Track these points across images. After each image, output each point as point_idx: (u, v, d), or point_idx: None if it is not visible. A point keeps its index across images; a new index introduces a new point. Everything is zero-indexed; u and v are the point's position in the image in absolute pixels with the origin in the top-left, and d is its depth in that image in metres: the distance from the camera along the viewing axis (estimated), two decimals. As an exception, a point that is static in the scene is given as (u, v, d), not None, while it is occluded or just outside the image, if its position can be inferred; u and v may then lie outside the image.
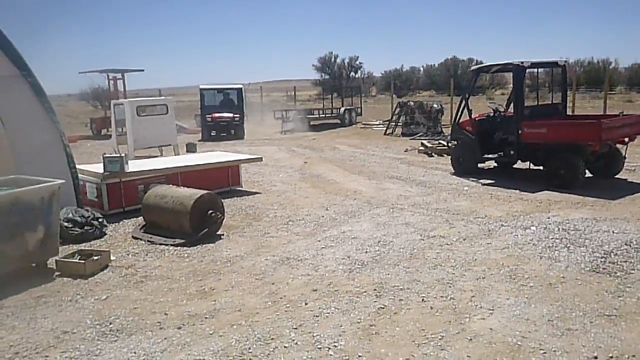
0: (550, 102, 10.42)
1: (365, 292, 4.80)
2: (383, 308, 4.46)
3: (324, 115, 23.64)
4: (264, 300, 4.70)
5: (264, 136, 19.91)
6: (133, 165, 8.59)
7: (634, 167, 10.22)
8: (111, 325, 4.29)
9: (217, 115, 19.50)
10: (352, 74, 53.96)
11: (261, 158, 10.53)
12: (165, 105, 13.96)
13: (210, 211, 6.53)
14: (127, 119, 13.31)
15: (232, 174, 9.39)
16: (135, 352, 3.85)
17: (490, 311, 4.31)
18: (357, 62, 54.71)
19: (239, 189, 9.43)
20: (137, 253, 6.14)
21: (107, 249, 6.09)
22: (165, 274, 5.42)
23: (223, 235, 6.71)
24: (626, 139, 9.12)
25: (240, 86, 21.54)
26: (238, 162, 9.62)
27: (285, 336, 4.00)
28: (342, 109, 23.74)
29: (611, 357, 3.56)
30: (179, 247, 6.25)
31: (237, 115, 19.77)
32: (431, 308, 4.42)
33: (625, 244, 5.69)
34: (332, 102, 26.58)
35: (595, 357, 3.56)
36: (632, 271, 4.99)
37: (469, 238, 6.22)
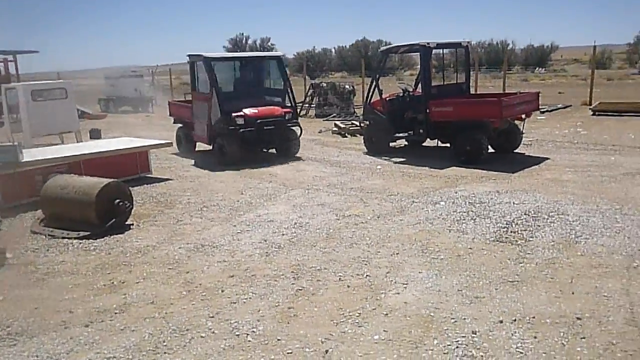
0: (455, 82, 10.88)
1: (282, 274, 4.77)
2: (301, 290, 4.46)
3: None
4: (179, 290, 4.53)
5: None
6: (29, 155, 7.92)
7: (530, 141, 10.98)
8: (9, 329, 3.94)
9: (251, 112, 9.79)
10: (265, 55, 53.27)
11: (171, 143, 10.12)
12: (64, 89, 12.95)
13: (118, 200, 6.18)
14: (21, 105, 12.22)
15: (141, 160, 8.95)
16: (37, 356, 3.57)
17: (405, 285, 4.45)
18: (270, 44, 54.22)
19: (148, 175, 9.01)
20: (37, 249, 5.68)
21: (2, 246, 5.58)
22: (70, 269, 5.06)
23: (133, 225, 6.38)
24: (523, 116, 9.75)
25: (280, 54, 11.91)
26: (146, 148, 9.17)
27: (201, 326, 3.88)
28: (256, 91, 23.28)
29: (514, 319, 3.80)
30: (84, 240, 5.86)
31: (289, 112, 10.39)
32: (348, 286, 4.48)
33: (525, 214, 6.09)
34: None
35: (501, 321, 3.78)
36: (531, 239, 5.36)
37: (383, 215, 6.38)
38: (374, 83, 10.42)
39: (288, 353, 3.49)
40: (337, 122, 14.45)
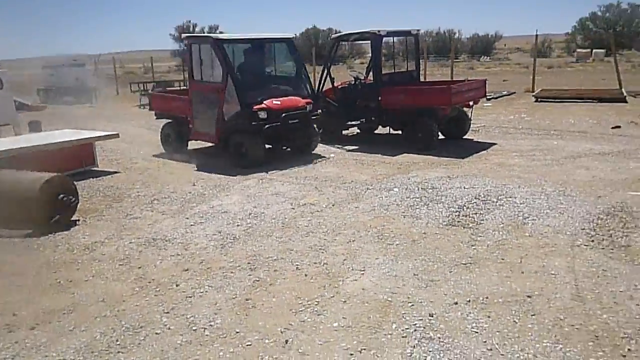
0: (405, 70, 11.00)
1: (239, 266, 4.70)
2: (258, 280, 4.41)
3: (187, 88, 22.56)
4: (131, 286, 4.38)
5: (121, 111, 18.51)
6: (-39, 149, 7.43)
7: (478, 127, 11.27)
8: (-55, 336, 3.70)
9: (275, 104, 8.49)
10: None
11: (118, 134, 9.74)
12: (-2, 79, 12.22)
13: (62, 195, 5.90)
14: (-51, 96, 11.45)
15: (85, 153, 8.58)
16: (-22, 363, 3.36)
17: (362, 272, 4.48)
18: (218, 31, 53.16)
19: (94, 169, 8.66)
20: (-26, 249, 5.36)
21: None
22: (12, 270, 4.80)
23: (79, 220, 6.12)
24: (471, 103, 9.99)
25: (291, 36, 10.01)
26: (91, 140, 8.80)
27: (156, 322, 3.77)
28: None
29: (469, 300, 3.89)
30: (26, 238, 5.57)
31: (310, 103, 9.12)
32: (306, 275, 4.46)
33: (475, 198, 6.25)
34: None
35: (456, 303, 3.87)
36: (482, 222, 5.51)
37: (338, 203, 6.39)
38: (326, 71, 10.40)
39: (247, 345, 3.44)
40: (289, 111, 14.34)
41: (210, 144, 9.64)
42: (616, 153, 8.48)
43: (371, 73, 10.54)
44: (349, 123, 10.56)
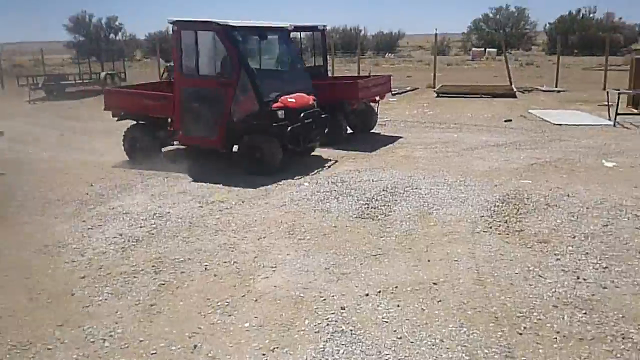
0: (313, 65, 11.03)
1: (142, 270, 4.43)
2: (164, 284, 4.18)
3: (81, 82, 21.14)
4: (19, 299, 3.97)
5: (9, 107, 16.90)
6: None
7: (384, 122, 11.59)
8: None
9: (291, 102, 7.62)
10: (112, 35, 49.62)
11: (2, 132, 8.88)
12: None
13: None
14: None
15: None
16: None
17: (273, 269, 4.39)
18: (117, 23, 50.43)
19: (-25, 171, 7.80)
20: None
21: None
22: None
23: (-44, 228, 5.47)
24: (377, 98, 10.24)
25: (286, 26, 8.70)
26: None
27: (48, 336, 3.44)
28: (103, 74, 21.58)
29: (379, 291, 3.95)
30: None
31: (314, 100, 8.24)
32: (215, 275, 4.30)
33: (383, 190, 6.39)
34: (89, 67, 23.98)
35: (367, 294, 3.91)
36: (390, 213, 5.63)
37: (248, 200, 6.25)
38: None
39: (152, 354, 3.24)
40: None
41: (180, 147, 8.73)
42: (509, 144, 9.08)
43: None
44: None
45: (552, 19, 46.42)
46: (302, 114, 7.53)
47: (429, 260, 4.46)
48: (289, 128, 7.29)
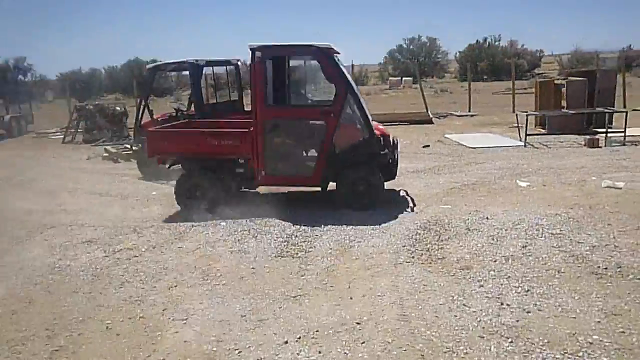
0: (228, 100, 10.79)
1: (34, 335, 3.91)
2: (58, 350, 3.69)
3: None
4: None
5: None
6: None
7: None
8: None
9: (380, 127, 7.73)
10: (20, 77, 46.98)
11: None
12: None
13: None
14: None
15: None
16: None
17: (184, 321, 4.01)
18: (26, 64, 47.86)
19: None
20: None
21: None
22: None
23: None
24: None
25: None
26: None
27: None
28: (8, 117, 20.17)
29: (299, 337, 3.67)
30: None
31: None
32: (117, 335, 3.85)
33: (303, 225, 6.15)
34: (-7, 110, 22.29)
35: (286, 342, 3.62)
36: (311, 249, 5.39)
37: (159, 245, 5.80)
38: (143, 103, 9.71)
39: None
40: (108, 147, 13.16)
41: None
42: (427, 170, 9.21)
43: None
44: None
45: (462, 47, 49.27)
46: (391, 142, 7.18)
47: (351, 298, 4.25)
48: (390, 160, 6.94)
